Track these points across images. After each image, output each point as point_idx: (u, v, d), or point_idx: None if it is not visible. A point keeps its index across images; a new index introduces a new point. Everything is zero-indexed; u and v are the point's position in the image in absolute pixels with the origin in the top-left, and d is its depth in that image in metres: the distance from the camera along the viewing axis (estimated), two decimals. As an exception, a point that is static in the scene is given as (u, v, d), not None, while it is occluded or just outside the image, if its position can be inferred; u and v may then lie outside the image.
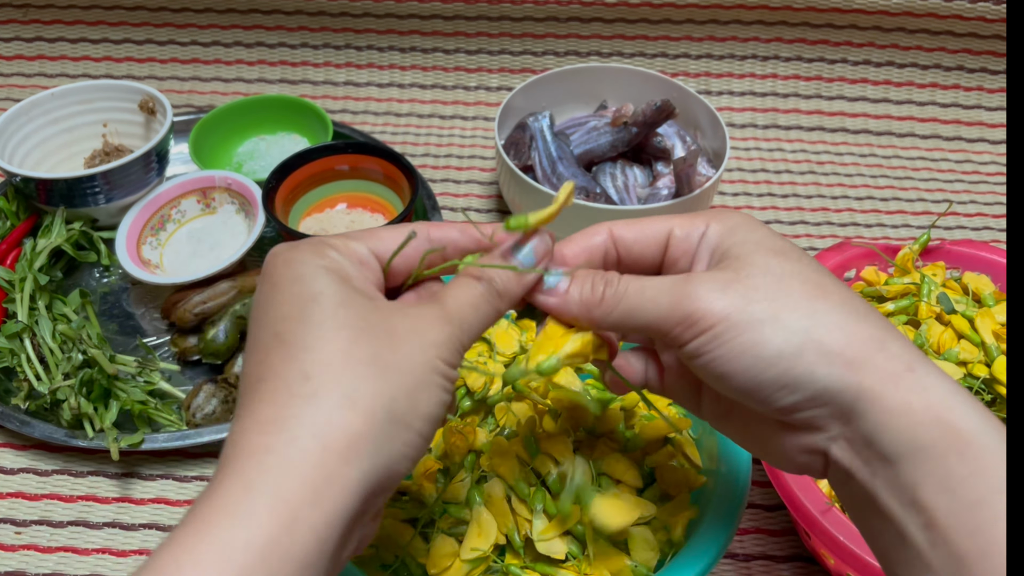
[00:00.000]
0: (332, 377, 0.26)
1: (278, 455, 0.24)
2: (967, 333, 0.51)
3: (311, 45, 0.89)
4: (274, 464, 0.24)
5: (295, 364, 0.26)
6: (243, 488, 0.24)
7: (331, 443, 0.25)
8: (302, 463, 0.24)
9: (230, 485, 0.24)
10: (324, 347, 0.26)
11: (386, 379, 0.26)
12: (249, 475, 0.24)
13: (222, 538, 0.23)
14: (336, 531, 0.25)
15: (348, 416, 0.25)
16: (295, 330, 0.27)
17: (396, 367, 0.27)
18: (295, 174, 0.70)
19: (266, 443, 0.25)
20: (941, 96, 0.88)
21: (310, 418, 0.25)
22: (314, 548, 0.24)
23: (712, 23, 0.86)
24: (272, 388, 0.26)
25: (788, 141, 0.86)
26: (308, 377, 0.26)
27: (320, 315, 0.27)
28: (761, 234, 0.31)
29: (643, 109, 0.69)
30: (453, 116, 0.87)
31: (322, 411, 0.25)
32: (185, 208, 0.70)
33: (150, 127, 0.73)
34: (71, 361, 0.56)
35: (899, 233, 0.76)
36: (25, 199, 0.68)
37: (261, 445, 0.25)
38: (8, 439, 0.58)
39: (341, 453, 0.25)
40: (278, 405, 0.25)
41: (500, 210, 0.76)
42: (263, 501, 0.24)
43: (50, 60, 0.90)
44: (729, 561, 0.52)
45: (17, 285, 0.61)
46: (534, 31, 0.87)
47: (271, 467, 0.24)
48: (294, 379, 0.26)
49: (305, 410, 0.25)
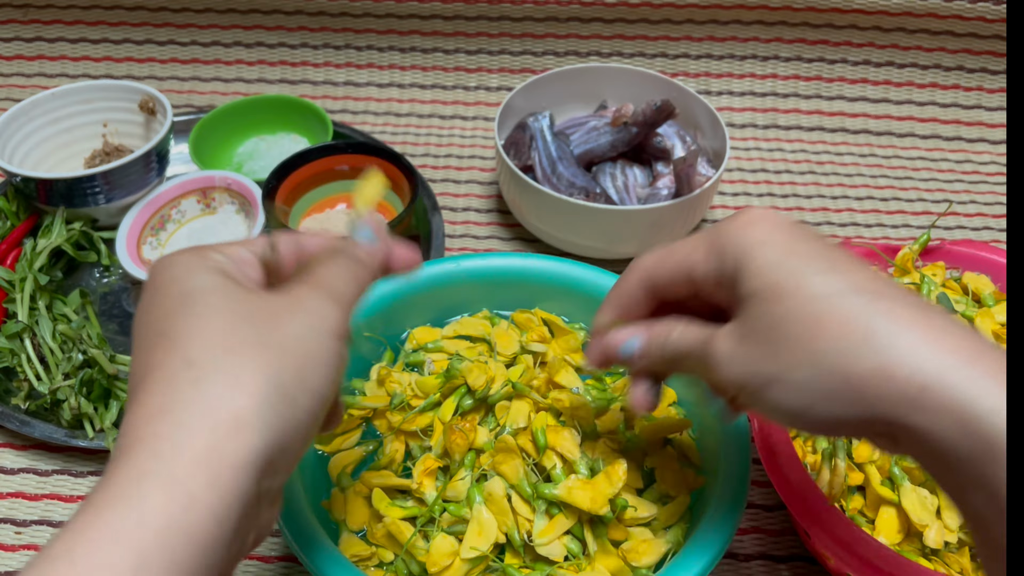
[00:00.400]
0: (215, 360, 0.26)
1: (169, 440, 0.25)
2: (967, 333, 0.51)
3: (311, 45, 0.89)
4: (165, 450, 0.24)
5: (178, 354, 0.26)
6: (137, 475, 0.24)
7: (220, 424, 0.25)
8: (193, 446, 0.24)
9: (123, 474, 0.24)
10: (205, 334, 0.27)
11: (270, 357, 0.27)
12: (141, 463, 0.24)
13: (117, 522, 0.23)
14: (234, 512, 0.25)
15: (234, 396, 0.26)
16: (176, 324, 0.27)
17: (279, 345, 0.27)
18: (295, 174, 0.70)
19: (155, 431, 0.25)
20: (941, 96, 0.88)
21: (197, 402, 0.25)
22: (213, 529, 0.24)
23: (712, 23, 0.86)
24: (157, 379, 0.26)
25: (788, 141, 0.86)
26: (191, 364, 0.26)
27: (200, 306, 0.28)
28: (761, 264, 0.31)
29: (643, 109, 0.69)
30: (453, 116, 0.87)
31: (208, 394, 0.25)
32: (185, 208, 0.70)
33: (150, 127, 0.73)
34: (71, 361, 0.56)
35: (899, 233, 0.76)
36: (25, 199, 0.68)
37: (150, 433, 0.25)
38: (8, 439, 0.58)
39: (231, 433, 0.25)
40: (164, 394, 0.26)
41: (500, 210, 0.76)
42: (158, 484, 0.24)
43: (50, 60, 0.90)
44: (729, 561, 0.52)
45: (17, 285, 0.61)
46: (534, 31, 0.87)
47: (162, 453, 0.24)
48: (178, 367, 0.26)
49: (191, 395, 0.25)
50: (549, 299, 0.54)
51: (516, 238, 0.74)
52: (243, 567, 0.51)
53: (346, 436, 0.48)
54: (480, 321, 0.54)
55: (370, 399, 0.49)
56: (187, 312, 0.27)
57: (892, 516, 0.45)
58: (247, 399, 0.26)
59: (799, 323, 0.29)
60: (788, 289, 0.29)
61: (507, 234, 0.74)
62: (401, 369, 0.51)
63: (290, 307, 0.29)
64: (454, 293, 0.54)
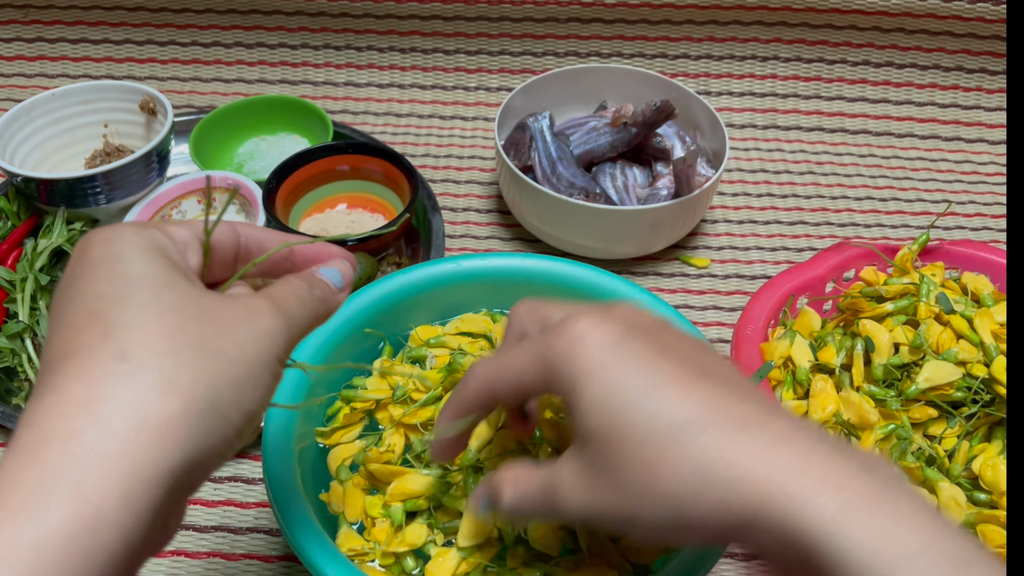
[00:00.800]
0: (153, 358, 0.24)
1: (83, 442, 0.22)
2: (966, 333, 0.51)
3: (311, 46, 0.89)
4: (79, 452, 0.22)
5: (112, 343, 0.24)
6: (40, 479, 0.22)
7: (145, 428, 0.23)
8: (111, 453, 0.22)
9: (25, 475, 0.22)
10: (146, 327, 0.25)
11: (212, 366, 0.25)
12: (49, 464, 0.22)
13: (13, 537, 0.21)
14: (142, 525, 0.23)
15: (167, 401, 0.23)
16: (114, 309, 0.25)
17: (224, 354, 0.26)
18: (296, 174, 0.70)
19: (71, 427, 0.22)
20: (940, 96, 0.88)
21: (124, 400, 0.23)
22: (119, 547, 0.22)
23: (711, 24, 0.86)
24: (82, 365, 0.24)
25: (787, 141, 0.86)
26: (126, 356, 0.24)
27: (144, 296, 0.25)
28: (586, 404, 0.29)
29: (643, 109, 0.69)
30: (453, 116, 0.87)
31: (138, 393, 0.23)
32: (186, 208, 0.70)
33: (151, 127, 0.73)
34: (72, 361, 0.56)
35: (898, 233, 0.76)
36: (26, 199, 0.69)
37: (64, 429, 0.22)
38: (9, 439, 0.58)
39: (155, 441, 0.23)
40: (88, 384, 0.23)
41: (500, 210, 0.76)
42: (63, 495, 0.21)
43: (51, 61, 0.90)
44: (729, 561, 0.52)
45: (18, 285, 0.61)
46: (534, 31, 0.87)
47: (75, 455, 0.22)
48: (109, 357, 0.24)
49: (119, 391, 0.23)
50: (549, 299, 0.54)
51: (516, 238, 0.74)
52: (243, 567, 0.51)
53: (348, 430, 0.48)
54: (481, 318, 0.54)
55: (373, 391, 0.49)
56: (129, 299, 0.25)
57: (891, 515, 0.45)
58: (180, 405, 0.24)
59: (638, 468, 0.28)
60: (618, 433, 0.28)
61: (507, 234, 0.74)
62: (401, 361, 0.51)
63: (242, 317, 0.27)
64: (454, 293, 0.54)
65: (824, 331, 0.55)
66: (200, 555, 0.52)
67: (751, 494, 0.26)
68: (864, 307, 0.54)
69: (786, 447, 0.27)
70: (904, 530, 0.24)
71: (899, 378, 0.51)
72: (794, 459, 0.26)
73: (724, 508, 0.27)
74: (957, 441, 0.49)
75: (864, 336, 0.52)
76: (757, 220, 0.77)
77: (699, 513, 0.27)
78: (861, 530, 0.24)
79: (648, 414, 0.28)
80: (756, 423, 0.28)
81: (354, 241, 0.64)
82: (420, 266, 0.53)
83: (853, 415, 0.49)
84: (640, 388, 0.29)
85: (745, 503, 0.26)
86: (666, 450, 0.28)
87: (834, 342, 0.53)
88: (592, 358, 0.29)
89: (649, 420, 0.28)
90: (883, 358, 0.51)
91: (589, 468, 0.30)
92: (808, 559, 0.25)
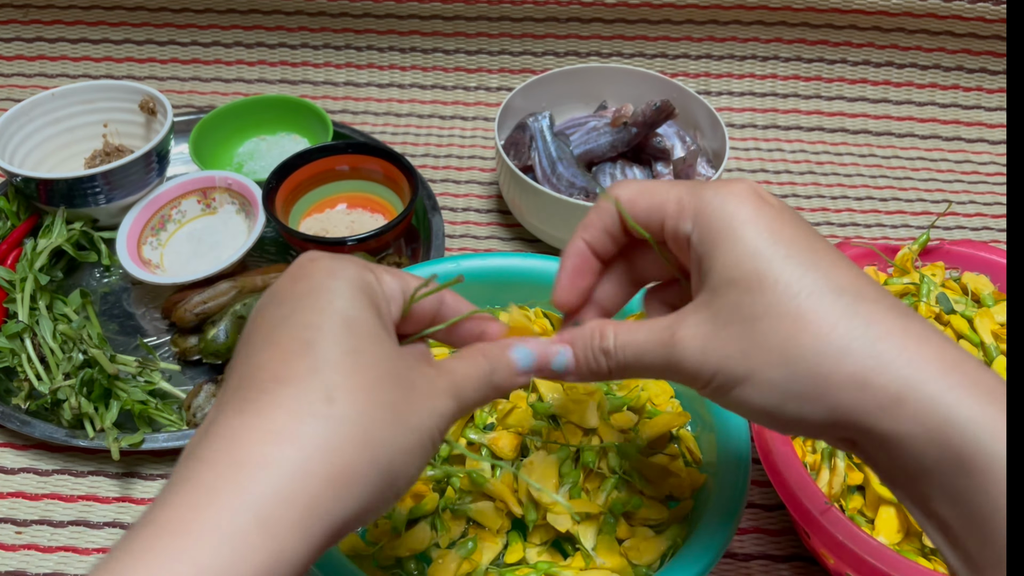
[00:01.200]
0: (354, 410, 0.25)
1: (277, 471, 0.23)
2: (966, 333, 0.51)
3: (311, 45, 0.89)
4: (270, 481, 0.23)
5: (319, 380, 0.25)
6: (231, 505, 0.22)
7: (335, 475, 0.24)
8: (300, 487, 0.23)
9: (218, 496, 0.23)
10: (353, 377, 0.26)
11: (396, 432, 0.26)
12: (242, 485, 0.23)
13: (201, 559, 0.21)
14: (301, 567, 0.23)
15: (360, 454, 0.25)
16: (325, 346, 0.26)
17: (407, 423, 0.27)
18: (295, 174, 0.70)
19: (259, 455, 0.23)
20: (940, 96, 0.88)
21: (323, 442, 0.24)
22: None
23: (712, 23, 0.86)
24: (291, 395, 0.25)
25: (787, 141, 0.86)
26: (332, 400, 0.25)
27: (353, 341, 0.26)
28: (744, 248, 0.29)
29: (643, 109, 0.69)
30: (453, 116, 0.87)
31: (338, 441, 0.24)
32: (185, 208, 0.70)
33: (150, 127, 0.73)
34: (72, 361, 0.56)
35: (898, 233, 0.76)
36: (26, 199, 0.69)
37: (251, 457, 0.23)
38: (8, 439, 0.58)
39: (340, 490, 0.24)
40: (294, 416, 0.24)
41: (500, 210, 0.76)
42: (248, 520, 0.22)
43: (51, 60, 0.90)
44: (729, 561, 0.52)
45: (18, 285, 0.61)
46: (534, 31, 0.87)
47: (266, 482, 0.23)
48: (316, 396, 0.25)
49: (319, 432, 0.24)
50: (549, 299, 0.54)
51: (516, 238, 0.74)
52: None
53: None
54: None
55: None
56: (339, 340, 0.26)
57: (891, 516, 0.45)
58: (366, 466, 0.25)
59: (777, 320, 0.27)
60: (768, 281, 0.28)
61: (507, 234, 0.74)
62: None
63: (428, 392, 0.28)
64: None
65: (824, 331, 0.55)
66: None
67: (902, 373, 0.26)
68: (864, 307, 0.54)
69: (928, 342, 0.27)
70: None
71: (899, 378, 0.51)
72: (938, 355, 0.26)
73: (861, 383, 0.26)
74: (957, 441, 0.49)
75: (864, 336, 0.52)
76: (757, 220, 0.77)
77: (834, 380, 0.27)
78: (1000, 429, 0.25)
79: (802, 271, 0.28)
80: (901, 312, 0.27)
81: (354, 241, 0.64)
82: (420, 266, 0.53)
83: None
84: (796, 246, 0.28)
85: (889, 382, 0.26)
86: (814, 308, 0.27)
87: (834, 342, 0.53)
88: (752, 209, 0.29)
89: (805, 275, 0.28)
90: (883, 358, 0.51)
91: (719, 316, 0.29)
92: (955, 454, 0.25)
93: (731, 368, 0.28)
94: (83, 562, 0.52)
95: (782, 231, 0.29)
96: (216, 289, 0.62)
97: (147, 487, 0.55)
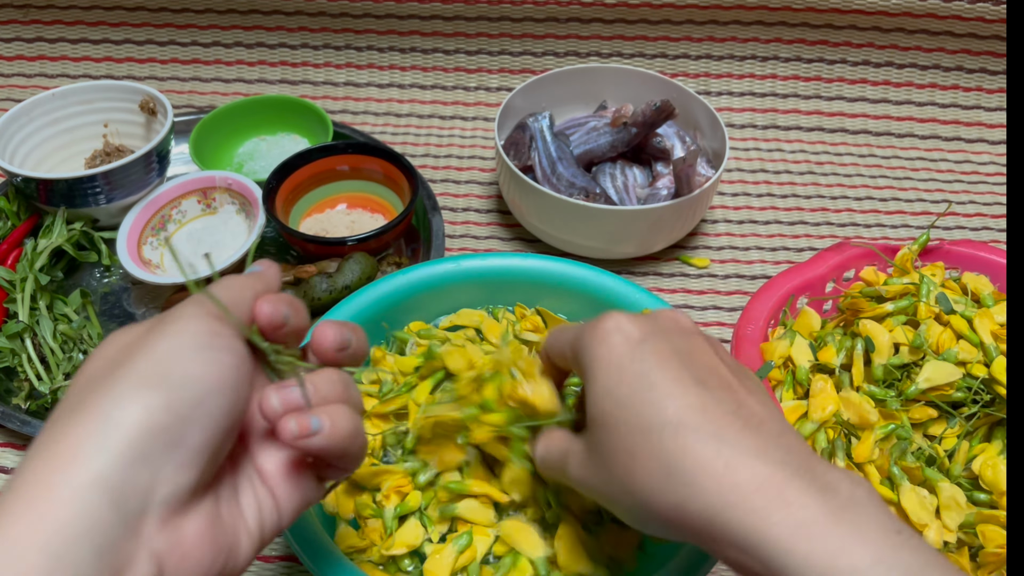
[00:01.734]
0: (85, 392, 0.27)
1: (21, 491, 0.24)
2: (966, 333, 0.51)
3: (311, 46, 0.89)
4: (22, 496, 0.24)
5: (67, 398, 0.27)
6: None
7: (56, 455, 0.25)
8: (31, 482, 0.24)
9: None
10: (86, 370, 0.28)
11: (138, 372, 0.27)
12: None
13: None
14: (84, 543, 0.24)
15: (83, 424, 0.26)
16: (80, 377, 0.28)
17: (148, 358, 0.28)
18: (295, 174, 0.70)
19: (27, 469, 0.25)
20: (940, 96, 0.88)
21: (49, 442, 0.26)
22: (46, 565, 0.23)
23: (712, 23, 0.86)
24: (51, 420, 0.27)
25: (787, 141, 0.86)
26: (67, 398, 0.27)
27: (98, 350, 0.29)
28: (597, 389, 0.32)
29: (643, 109, 0.69)
30: (453, 116, 0.87)
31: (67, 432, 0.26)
32: (186, 208, 0.70)
33: (151, 127, 0.73)
34: (72, 361, 0.56)
35: (898, 233, 0.76)
36: (26, 199, 0.69)
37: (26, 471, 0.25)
38: (9, 439, 0.58)
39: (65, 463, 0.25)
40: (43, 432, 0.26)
41: (500, 210, 0.76)
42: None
43: (51, 60, 0.90)
44: (728, 560, 0.52)
45: (18, 285, 0.61)
46: (534, 31, 0.87)
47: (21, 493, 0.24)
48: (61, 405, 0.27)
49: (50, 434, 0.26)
50: (549, 299, 0.54)
51: (516, 238, 0.74)
52: (244, 566, 0.51)
53: None
54: (475, 312, 0.54)
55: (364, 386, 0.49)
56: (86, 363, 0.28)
57: (891, 515, 0.45)
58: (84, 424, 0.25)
59: (619, 457, 0.30)
60: (612, 422, 0.31)
61: (507, 234, 0.74)
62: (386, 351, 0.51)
63: (149, 327, 0.28)
64: (454, 293, 0.54)
65: (824, 331, 0.55)
66: (200, 555, 0.52)
67: (709, 501, 0.28)
68: (864, 307, 0.54)
69: (757, 461, 0.28)
70: (859, 547, 0.26)
71: (899, 378, 0.51)
72: (760, 474, 0.28)
73: (683, 509, 0.28)
74: (957, 441, 0.49)
75: (864, 336, 0.52)
76: (757, 220, 0.77)
77: (662, 509, 0.29)
78: (815, 548, 0.26)
79: (639, 409, 0.30)
80: (736, 434, 0.29)
81: (354, 241, 0.64)
82: (420, 266, 0.53)
83: (853, 415, 0.49)
84: (640, 384, 0.31)
85: (703, 508, 0.28)
86: (645, 444, 0.30)
87: (834, 342, 0.53)
88: (610, 351, 0.32)
89: (638, 414, 0.30)
90: (883, 358, 0.51)
91: (589, 448, 0.33)
92: (766, 570, 0.27)
93: (598, 494, 0.33)
94: (83, 562, 0.52)
95: (630, 368, 0.31)
96: (216, 289, 0.62)
97: (147, 487, 0.55)
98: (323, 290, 0.61)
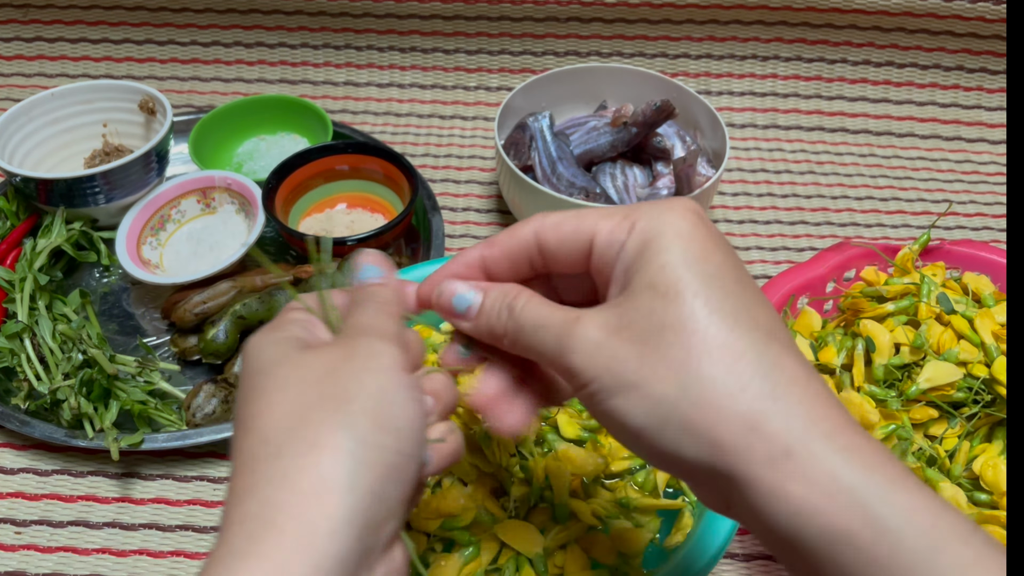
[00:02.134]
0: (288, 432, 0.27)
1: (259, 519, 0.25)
2: (967, 333, 0.51)
3: (311, 45, 0.89)
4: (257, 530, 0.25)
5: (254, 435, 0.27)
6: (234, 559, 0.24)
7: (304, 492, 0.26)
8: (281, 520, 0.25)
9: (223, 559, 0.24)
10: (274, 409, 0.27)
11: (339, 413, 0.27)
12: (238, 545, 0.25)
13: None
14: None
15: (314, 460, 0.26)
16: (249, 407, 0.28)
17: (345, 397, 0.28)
18: (295, 174, 0.70)
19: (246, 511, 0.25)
20: (941, 96, 0.88)
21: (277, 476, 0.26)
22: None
23: (712, 23, 0.86)
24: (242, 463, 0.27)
25: (788, 141, 0.86)
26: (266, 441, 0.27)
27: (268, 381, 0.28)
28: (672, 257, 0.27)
29: (643, 109, 0.69)
30: (453, 116, 0.87)
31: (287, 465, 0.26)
32: (185, 208, 0.70)
33: (150, 127, 0.73)
34: (71, 361, 0.56)
35: (899, 233, 0.76)
36: (25, 199, 0.68)
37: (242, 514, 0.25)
38: (8, 439, 0.58)
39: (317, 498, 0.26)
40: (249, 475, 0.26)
41: (500, 210, 0.76)
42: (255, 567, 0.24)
43: (50, 60, 0.90)
44: (729, 561, 0.52)
45: (17, 285, 0.61)
46: (534, 31, 0.87)
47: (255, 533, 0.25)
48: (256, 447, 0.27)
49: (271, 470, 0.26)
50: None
51: (516, 238, 0.74)
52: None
53: None
54: None
55: None
56: (257, 393, 0.28)
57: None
58: (329, 459, 0.25)
59: (684, 334, 0.26)
60: (687, 294, 0.26)
61: (507, 234, 0.74)
62: None
63: (343, 358, 0.28)
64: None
65: (825, 331, 0.55)
66: (200, 555, 0.52)
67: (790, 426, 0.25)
68: (865, 307, 0.54)
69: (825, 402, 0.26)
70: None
71: (900, 378, 0.51)
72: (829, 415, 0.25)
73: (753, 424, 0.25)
74: (958, 441, 0.49)
75: (865, 336, 0.52)
76: (758, 220, 0.77)
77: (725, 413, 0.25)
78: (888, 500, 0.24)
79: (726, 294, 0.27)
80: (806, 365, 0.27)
81: (354, 241, 0.64)
82: (420, 266, 0.53)
83: (854, 415, 0.49)
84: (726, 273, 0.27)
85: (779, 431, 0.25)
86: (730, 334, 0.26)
87: (835, 342, 0.53)
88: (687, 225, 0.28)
89: (725, 299, 0.26)
90: (884, 358, 0.51)
91: (626, 315, 0.27)
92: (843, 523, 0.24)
93: (620, 371, 0.27)
94: (82, 562, 0.52)
95: (713, 253, 0.28)
96: (216, 289, 0.62)
97: (146, 487, 0.55)
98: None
